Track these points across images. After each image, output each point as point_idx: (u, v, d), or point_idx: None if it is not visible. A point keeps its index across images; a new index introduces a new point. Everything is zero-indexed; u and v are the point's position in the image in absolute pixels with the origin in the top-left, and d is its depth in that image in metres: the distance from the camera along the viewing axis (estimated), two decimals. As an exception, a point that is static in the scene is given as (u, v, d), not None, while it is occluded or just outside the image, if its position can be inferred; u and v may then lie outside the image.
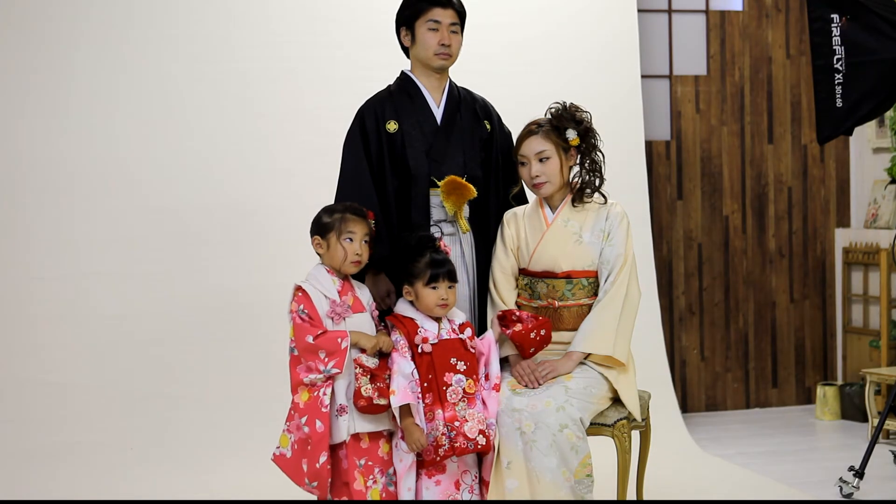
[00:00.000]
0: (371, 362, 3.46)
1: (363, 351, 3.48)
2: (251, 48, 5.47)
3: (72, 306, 5.19)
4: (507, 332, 3.63)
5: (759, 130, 6.48)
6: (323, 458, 3.38)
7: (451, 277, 3.57)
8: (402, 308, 3.61)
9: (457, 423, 3.43)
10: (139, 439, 5.04)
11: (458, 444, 3.42)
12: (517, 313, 3.67)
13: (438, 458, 3.45)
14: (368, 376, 3.42)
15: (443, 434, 3.42)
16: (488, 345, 3.65)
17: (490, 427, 3.52)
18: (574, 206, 3.80)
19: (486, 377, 3.61)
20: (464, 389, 3.49)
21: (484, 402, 3.55)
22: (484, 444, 3.46)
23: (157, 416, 5.06)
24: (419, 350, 3.51)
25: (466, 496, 3.53)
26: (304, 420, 3.41)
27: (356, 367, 3.44)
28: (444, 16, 3.83)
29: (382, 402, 3.42)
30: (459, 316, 3.66)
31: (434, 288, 3.53)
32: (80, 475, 4.84)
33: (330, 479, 3.42)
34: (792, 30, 6.49)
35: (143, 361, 5.14)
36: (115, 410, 5.10)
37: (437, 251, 3.59)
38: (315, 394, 3.41)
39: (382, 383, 3.44)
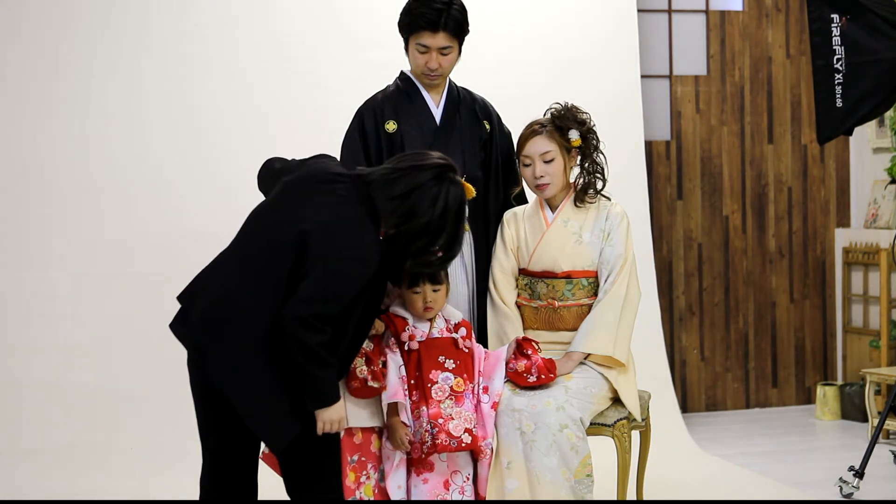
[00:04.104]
0: (366, 345, 3.45)
1: None
2: (251, 48, 5.47)
3: (72, 306, 5.20)
4: (511, 362, 3.60)
5: (759, 130, 6.48)
6: None
7: (434, 280, 3.52)
8: (396, 307, 3.59)
9: (440, 421, 3.40)
10: (139, 439, 5.04)
11: (439, 441, 3.39)
12: (532, 354, 3.60)
13: (423, 456, 3.44)
14: (364, 358, 3.41)
15: (426, 431, 3.41)
16: (495, 359, 3.63)
17: (487, 443, 3.49)
18: (575, 206, 3.80)
19: (486, 390, 3.58)
20: (451, 387, 3.47)
21: (477, 407, 3.53)
22: (469, 442, 3.42)
23: (157, 417, 5.06)
24: (406, 347, 3.50)
25: (456, 497, 3.50)
26: None
27: None
28: (434, 41, 3.75)
29: (375, 385, 3.40)
30: (455, 315, 3.64)
31: (417, 293, 3.51)
32: (81, 475, 4.85)
33: None
34: (792, 30, 6.49)
35: (144, 361, 5.14)
36: (115, 410, 5.10)
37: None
38: None
39: (377, 367, 3.43)
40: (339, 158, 3.86)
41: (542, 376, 3.57)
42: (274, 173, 3.35)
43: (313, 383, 2.97)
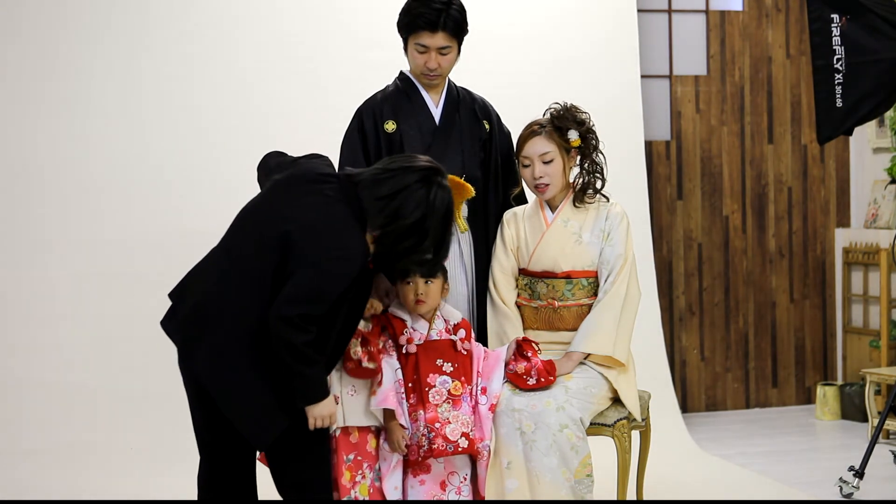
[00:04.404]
0: (364, 326, 3.43)
1: None
2: (251, 48, 5.47)
3: (72, 306, 5.19)
4: (511, 364, 3.59)
5: (759, 130, 6.48)
6: None
7: (427, 272, 3.50)
8: (395, 308, 3.58)
9: (437, 425, 3.40)
10: (139, 439, 5.04)
11: (436, 446, 3.38)
12: (532, 356, 3.59)
13: (420, 459, 3.43)
14: (360, 339, 3.39)
15: (423, 435, 3.40)
16: (494, 360, 3.61)
17: (484, 445, 3.48)
18: (575, 207, 3.80)
19: (484, 391, 3.57)
20: (448, 391, 3.46)
21: (475, 408, 3.52)
22: (466, 446, 3.41)
23: (157, 416, 5.06)
24: (404, 351, 3.49)
25: (453, 496, 3.49)
26: None
27: None
28: (433, 41, 3.75)
29: (371, 366, 3.38)
30: (455, 316, 3.62)
31: (408, 283, 3.50)
32: (81, 475, 4.85)
33: None
34: (792, 30, 6.49)
35: (143, 361, 5.13)
36: (115, 410, 5.10)
37: None
38: None
39: (374, 348, 3.41)
40: (338, 158, 3.87)
41: (542, 379, 3.56)
42: (268, 170, 3.38)
43: (302, 382, 3.02)
